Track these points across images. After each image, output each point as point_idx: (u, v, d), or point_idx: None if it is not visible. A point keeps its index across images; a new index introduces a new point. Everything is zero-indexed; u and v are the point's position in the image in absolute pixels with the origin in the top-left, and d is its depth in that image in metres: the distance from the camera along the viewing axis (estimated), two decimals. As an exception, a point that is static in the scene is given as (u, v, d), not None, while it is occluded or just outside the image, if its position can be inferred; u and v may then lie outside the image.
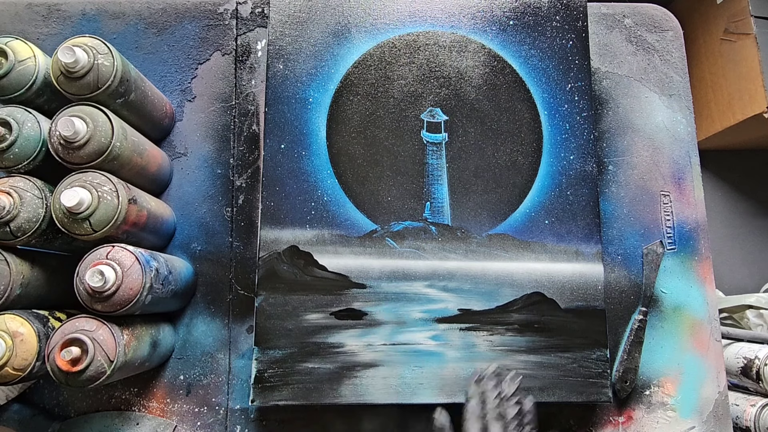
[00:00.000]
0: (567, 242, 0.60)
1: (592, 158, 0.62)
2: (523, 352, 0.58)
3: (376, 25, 0.63)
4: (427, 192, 0.60)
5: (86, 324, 0.47)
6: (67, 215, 0.48)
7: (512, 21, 0.64)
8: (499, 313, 0.58)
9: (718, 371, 0.63)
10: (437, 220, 0.60)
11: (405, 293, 0.58)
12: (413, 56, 0.63)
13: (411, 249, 0.59)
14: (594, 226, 0.60)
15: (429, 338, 0.58)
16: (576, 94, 0.63)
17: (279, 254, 0.58)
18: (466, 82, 0.63)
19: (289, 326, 0.57)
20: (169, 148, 0.66)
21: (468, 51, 0.63)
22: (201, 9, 0.69)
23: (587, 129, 0.62)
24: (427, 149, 0.61)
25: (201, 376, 0.61)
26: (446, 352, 0.57)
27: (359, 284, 0.58)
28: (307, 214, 0.59)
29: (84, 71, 0.50)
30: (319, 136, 0.61)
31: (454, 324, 0.58)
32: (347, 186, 0.60)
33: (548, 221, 0.60)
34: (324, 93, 0.62)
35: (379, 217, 0.59)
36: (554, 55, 0.63)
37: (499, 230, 0.60)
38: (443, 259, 0.59)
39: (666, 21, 0.72)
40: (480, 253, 0.59)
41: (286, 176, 0.60)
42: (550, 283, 0.59)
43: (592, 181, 0.61)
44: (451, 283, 0.59)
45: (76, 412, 0.60)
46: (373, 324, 0.57)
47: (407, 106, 0.62)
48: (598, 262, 0.60)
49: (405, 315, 0.58)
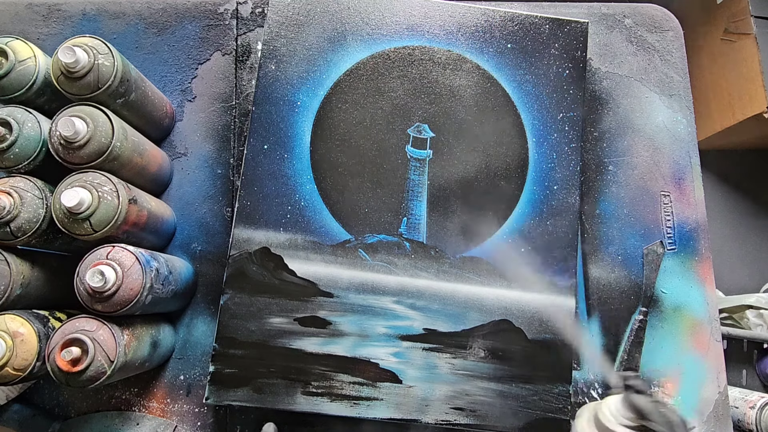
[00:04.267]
0: (541, 272, 0.59)
1: (577, 190, 0.61)
2: (484, 378, 0.57)
3: (372, 35, 0.63)
4: (405, 207, 0.60)
5: (86, 324, 0.47)
6: (68, 215, 0.48)
7: (510, 44, 0.63)
8: (465, 336, 0.58)
9: (718, 371, 0.63)
10: (412, 237, 0.59)
11: (372, 307, 0.58)
12: (406, 70, 0.63)
13: (382, 263, 0.59)
14: (570, 259, 0.59)
15: (391, 354, 0.57)
16: (567, 124, 0.62)
17: (250, 254, 0.58)
18: (457, 100, 0.62)
19: (252, 327, 0.56)
20: (169, 148, 0.66)
21: (462, 70, 0.63)
22: (201, 9, 0.69)
23: (574, 160, 0.62)
24: (410, 164, 0.61)
25: (201, 376, 0.61)
26: (407, 371, 0.57)
27: (327, 293, 0.58)
28: (282, 217, 0.59)
29: (84, 71, 0.50)
30: (303, 141, 0.60)
31: (417, 343, 0.57)
32: (326, 193, 0.60)
33: (524, 249, 0.60)
34: (313, 98, 0.61)
35: (354, 227, 0.59)
36: (549, 83, 0.63)
37: (473, 253, 0.59)
38: (414, 276, 0.59)
39: (666, 21, 0.72)
40: (451, 275, 0.59)
41: (265, 177, 0.59)
42: (519, 312, 0.58)
43: (573, 213, 0.60)
44: (419, 302, 0.58)
45: (76, 412, 0.60)
46: (336, 334, 0.57)
47: (395, 119, 0.62)
48: (570, 295, 0.59)
49: (369, 329, 0.57)
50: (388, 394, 0.56)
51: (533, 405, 0.57)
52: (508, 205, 0.60)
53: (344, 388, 0.56)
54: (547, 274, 0.59)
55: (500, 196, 0.61)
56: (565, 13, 0.70)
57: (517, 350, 0.58)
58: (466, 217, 0.60)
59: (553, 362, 0.58)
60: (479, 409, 0.57)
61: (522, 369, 0.58)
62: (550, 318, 0.57)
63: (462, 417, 0.57)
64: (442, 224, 0.60)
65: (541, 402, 0.57)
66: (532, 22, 0.64)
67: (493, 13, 0.64)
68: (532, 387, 0.57)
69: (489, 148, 0.62)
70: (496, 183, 0.61)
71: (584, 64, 0.64)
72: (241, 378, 0.56)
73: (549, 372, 0.58)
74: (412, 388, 0.57)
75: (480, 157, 0.61)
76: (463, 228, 0.60)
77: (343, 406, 0.56)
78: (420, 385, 0.57)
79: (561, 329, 0.57)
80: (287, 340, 0.57)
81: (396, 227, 0.60)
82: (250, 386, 0.56)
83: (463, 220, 0.60)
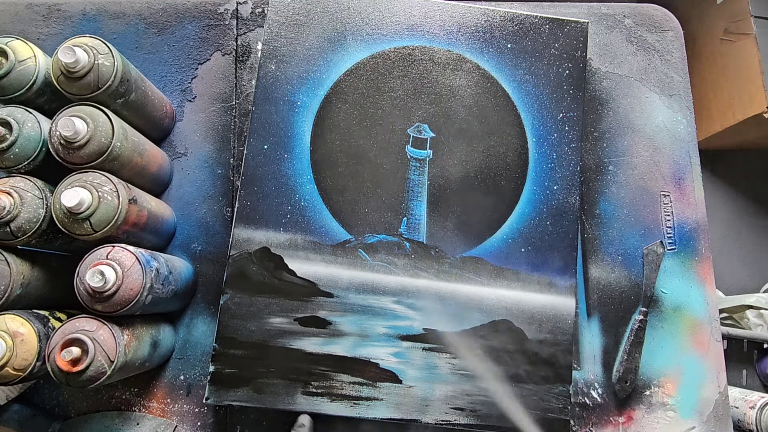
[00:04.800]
0: (541, 272, 0.59)
1: (577, 190, 0.61)
2: (484, 378, 0.57)
3: (372, 35, 0.63)
4: (405, 207, 0.60)
5: (86, 324, 0.47)
6: (68, 215, 0.48)
7: (510, 44, 0.63)
8: (464, 336, 0.58)
9: (719, 371, 0.63)
10: (412, 237, 0.59)
11: (371, 307, 0.58)
12: (407, 70, 0.63)
13: (382, 263, 0.59)
14: (570, 259, 0.60)
15: (391, 354, 0.57)
16: (567, 124, 0.62)
17: (250, 254, 0.58)
18: (457, 100, 0.62)
19: (252, 327, 0.56)
20: (169, 148, 0.66)
21: (462, 70, 0.63)
22: (201, 9, 0.69)
23: (574, 160, 0.61)
24: (410, 164, 0.61)
25: (201, 376, 0.61)
26: (407, 371, 0.57)
27: (327, 293, 0.58)
28: (282, 217, 0.59)
29: (84, 71, 0.50)
30: (303, 141, 0.60)
31: (417, 343, 0.57)
32: (326, 193, 0.60)
33: (524, 249, 0.60)
34: (313, 98, 0.61)
35: (354, 227, 0.59)
36: (549, 83, 0.63)
37: (473, 253, 0.59)
38: (414, 276, 0.59)
39: (666, 21, 0.72)
40: (452, 275, 0.59)
41: (265, 177, 0.59)
42: (519, 312, 0.58)
43: (573, 213, 0.60)
44: (419, 302, 0.58)
45: (76, 412, 0.60)
46: (336, 334, 0.57)
47: (395, 119, 0.62)
48: (570, 295, 0.59)
49: (369, 329, 0.57)
50: (388, 394, 0.56)
51: (533, 405, 0.57)
52: (508, 205, 0.60)
53: (344, 388, 0.56)
54: (547, 274, 0.59)
55: (500, 196, 0.61)
56: (565, 13, 0.71)
57: (517, 350, 0.58)
58: (466, 217, 0.60)
59: (553, 362, 0.58)
60: (479, 409, 0.57)
61: (522, 369, 0.58)
62: (504, 408, 0.57)
63: (462, 417, 0.57)
64: (442, 224, 0.60)
65: (541, 402, 0.57)
66: (532, 22, 0.64)
67: (493, 13, 0.64)
68: (532, 387, 0.57)
69: (489, 148, 0.62)
70: (496, 183, 0.61)
71: (584, 64, 0.64)
72: (241, 378, 0.56)
73: (549, 372, 0.58)
74: (412, 388, 0.57)
75: (480, 157, 0.61)
76: (463, 228, 0.60)
77: (343, 406, 0.56)
78: (420, 385, 0.57)
79: (508, 413, 0.57)
80: (287, 340, 0.57)
81: (396, 227, 0.60)
82: (250, 386, 0.56)
83: (463, 220, 0.60)
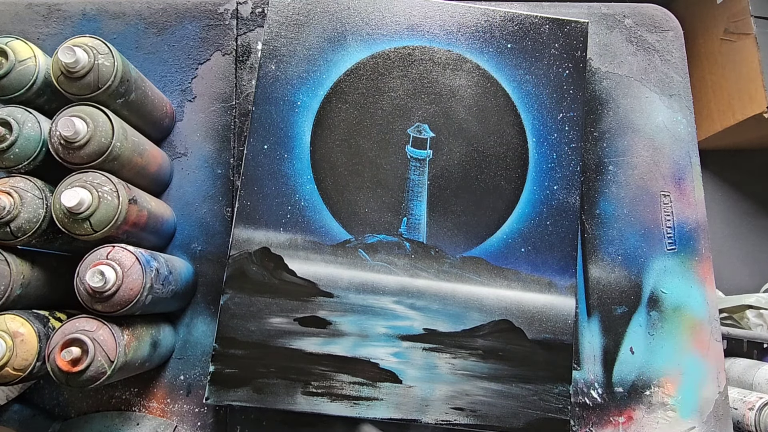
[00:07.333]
0: (541, 272, 0.59)
1: (577, 190, 0.61)
2: (484, 378, 0.57)
3: (372, 35, 0.63)
4: (405, 207, 0.60)
5: (86, 324, 0.47)
6: (68, 215, 0.48)
7: (510, 44, 0.63)
8: (465, 336, 0.58)
9: (718, 371, 0.63)
10: (412, 237, 0.59)
11: (371, 307, 0.58)
12: (407, 70, 0.63)
13: (382, 263, 0.59)
14: (570, 259, 0.59)
15: (391, 355, 0.57)
16: (567, 124, 0.62)
17: (250, 254, 0.58)
18: (457, 100, 0.62)
19: (252, 327, 0.56)
20: (169, 148, 0.66)
21: (462, 70, 0.63)
22: (201, 9, 0.69)
23: (574, 160, 0.61)
24: (410, 164, 0.61)
25: (201, 376, 0.61)
26: (407, 371, 0.57)
27: (327, 293, 0.58)
28: (282, 218, 0.59)
29: (84, 71, 0.50)
30: (303, 141, 0.60)
31: (417, 343, 0.57)
32: (326, 193, 0.59)
33: (524, 249, 0.60)
34: (313, 98, 0.61)
35: (354, 227, 0.59)
36: (549, 83, 0.63)
37: (473, 253, 0.59)
38: (414, 276, 0.59)
39: (666, 21, 0.72)
40: (452, 275, 0.59)
41: (265, 177, 0.59)
42: (519, 311, 0.58)
43: (573, 213, 0.60)
44: (419, 302, 0.58)
45: (77, 412, 0.60)
46: (336, 334, 0.57)
47: (395, 119, 0.61)
48: (570, 295, 0.59)
49: (369, 329, 0.57)
50: (388, 394, 0.56)
51: (533, 405, 0.57)
52: (508, 205, 0.60)
53: (344, 388, 0.56)
54: (547, 274, 0.59)
55: (500, 196, 0.61)
56: (565, 13, 0.71)
57: (517, 350, 0.58)
58: (466, 217, 0.60)
59: (553, 362, 0.58)
60: (479, 409, 0.57)
61: (522, 369, 0.57)
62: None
63: (462, 417, 0.57)
64: (442, 224, 0.60)
65: (541, 402, 0.57)
66: (532, 22, 0.64)
67: (493, 13, 0.64)
68: (532, 387, 0.57)
69: (489, 148, 0.62)
70: (496, 183, 0.61)
71: (584, 64, 0.64)
72: (241, 378, 0.56)
73: (549, 372, 0.58)
74: (412, 388, 0.57)
75: (480, 156, 0.61)
76: (463, 228, 0.60)
77: (343, 406, 0.56)
78: (420, 385, 0.57)
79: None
80: (287, 340, 0.57)
81: (396, 227, 0.60)
82: (250, 386, 0.56)
83: (463, 220, 0.60)
